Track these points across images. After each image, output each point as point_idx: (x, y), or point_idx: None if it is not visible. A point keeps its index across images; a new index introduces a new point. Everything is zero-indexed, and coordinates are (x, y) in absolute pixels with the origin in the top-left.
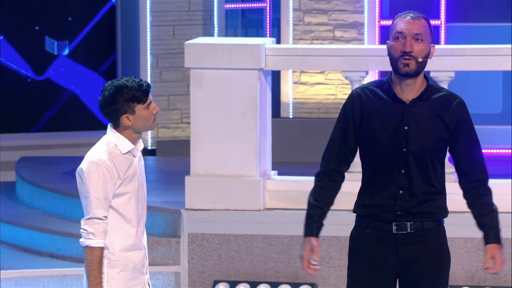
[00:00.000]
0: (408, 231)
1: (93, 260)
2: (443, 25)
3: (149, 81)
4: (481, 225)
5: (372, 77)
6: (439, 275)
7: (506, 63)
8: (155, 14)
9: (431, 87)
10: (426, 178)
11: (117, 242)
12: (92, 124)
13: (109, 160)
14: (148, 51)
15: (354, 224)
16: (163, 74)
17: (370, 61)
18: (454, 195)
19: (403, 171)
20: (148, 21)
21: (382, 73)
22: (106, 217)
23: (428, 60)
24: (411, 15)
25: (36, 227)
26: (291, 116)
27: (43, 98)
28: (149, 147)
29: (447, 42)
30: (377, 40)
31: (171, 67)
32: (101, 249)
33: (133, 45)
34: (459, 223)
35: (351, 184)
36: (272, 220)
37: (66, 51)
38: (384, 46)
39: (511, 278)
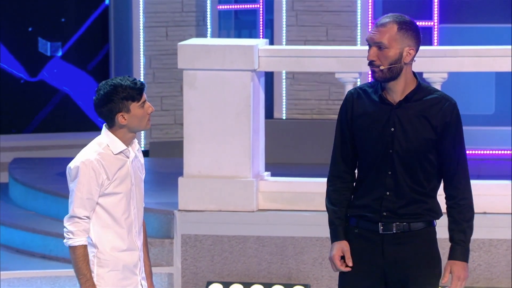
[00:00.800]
0: (394, 231)
1: (77, 259)
2: (436, 26)
3: None
4: (453, 238)
5: (365, 78)
6: (425, 276)
7: (499, 64)
8: (148, 15)
9: (423, 89)
10: (414, 180)
11: (107, 241)
12: (85, 125)
13: (97, 161)
14: (141, 52)
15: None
16: (156, 75)
17: (363, 62)
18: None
19: (389, 173)
20: (141, 22)
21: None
22: (87, 216)
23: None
24: (381, 21)
25: (29, 228)
26: (284, 117)
27: (36, 99)
28: (142, 148)
29: (440, 43)
30: None
31: (164, 68)
32: (83, 247)
33: (126, 46)
34: None
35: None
36: (265, 221)
37: (60, 53)
38: None
39: (511, 279)
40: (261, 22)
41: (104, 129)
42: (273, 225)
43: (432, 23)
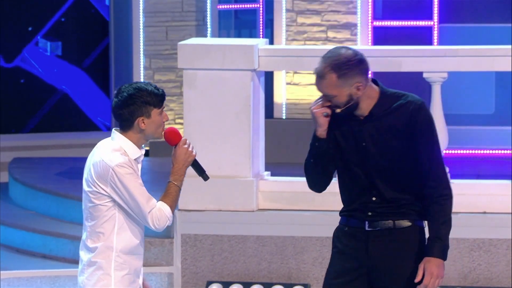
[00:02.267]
0: (379, 228)
1: (176, 198)
2: (436, 26)
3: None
4: (430, 235)
5: None
6: (409, 275)
7: (499, 64)
8: (148, 15)
9: (388, 97)
10: (396, 186)
11: (124, 244)
12: (85, 124)
13: (129, 161)
14: (141, 52)
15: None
16: (156, 75)
17: None
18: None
19: (372, 182)
20: (141, 22)
21: (375, 74)
22: (155, 203)
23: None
24: (319, 70)
25: (29, 228)
26: (284, 117)
27: (34, 98)
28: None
29: (440, 42)
30: (370, 41)
31: (164, 68)
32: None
33: (126, 46)
34: (452, 224)
35: None
36: (265, 221)
37: (59, 52)
38: (378, 47)
39: (511, 278)
40: (261, 22)
41: (117, 134)
42: (273, 225)
43: (432, 23)
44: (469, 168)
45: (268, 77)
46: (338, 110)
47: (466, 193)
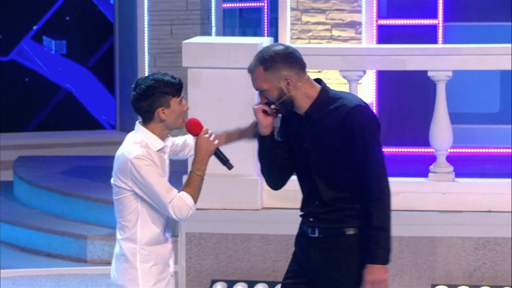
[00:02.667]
0: (316, 235)
1: (198, 188)
2: (440, 24)
3: None
4: (366, 241)
5: (370, 76)
6: (346, 285)
7: (504, 63)
8: (152, 13)
9: (326, 99)
10: (335, 188)
11: (148, 235)
12: (89, 123)
13: (148, 153)
14: (146, 50)
15: None
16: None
17: (368, 61)
18: (452, 194)
19: (315, 185)
20: (146, 20)
21: (379, 73)
22: (176, 193)
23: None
24: (250, 67)
25: (34, 227)
26: None
27: (38, 96)
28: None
29: (445, 41)
30: (374, 39)
31: (169, 67)
32: (195, 196)
33: (130, 44)
34: (456, 222)
35: None
36: (270, 220)
37: (64, 51)
38: (382, 46)
39: (511, 278)
40: (265, 20)
41: (139, 127)
42: (278, 223)
43: (436, 22)
44: (473, 167)
45: None
46: (273, 106)
47: (470, 192)
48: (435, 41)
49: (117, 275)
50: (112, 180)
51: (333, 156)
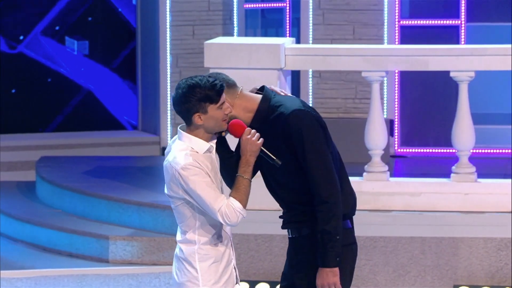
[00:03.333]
0: (290, 236)
1: (246, 192)
2: (463, 25)
3: (168, 81)
4: (317, 245)
5: (391, 77)
6: (305, 284)
7: None
8: (174, 14)
9: (266, 110)
10: (291, 193)
11: (206, 234)
12: (111, 123)
13: (194, 161)
14: (168, 51)
15: (371, 224)
16: (183, 74)
17: (390, 61)
18: (474, 195)
19: (275, 190)
20: (168, 21)
21: (401, 73)
22: (225, 199)
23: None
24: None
25: (56, 227)
26: None
27: (60, 96)
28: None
29: (467, 41)
30: (397, 39)
31: (191, 67)
32: (245, 197)
33: (153, 45)
34: (478, 223)
35: (371, 184)
36: None
37: (86, 51)
38: (405, 46)
39: (511, 279)
40: (287, 21)
41: (182, 133)
42: None
43: (459, 22)
44: (496, 167)
45: (295, 76)
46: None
47: (493, 192)
48: (457, 41)
49: (178, 274)
50: (165, 191)
51: (283, 163)
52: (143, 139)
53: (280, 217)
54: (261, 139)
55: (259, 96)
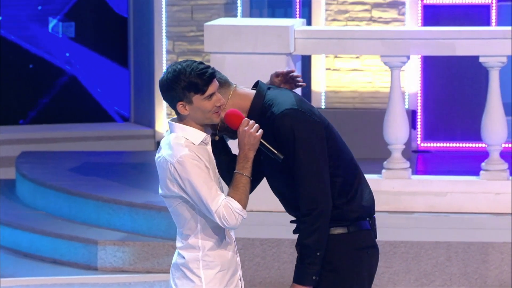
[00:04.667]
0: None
1: (245, 190)
2: (494, 4)
3: (164, 67)
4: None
5: (414, 62)
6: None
7: None
8: None
9: (261, 107)
10: (292, 194)
11: (210, 239)
12: (99, 115)
13: (191, 151)
14: (164, 34)
15: (391, 227)
16: (180, 60)
17: (412, 45)
18: (506, 195)
19: (275, 191)
20: (163, 0)
21: (424, 58)
22: (224, 199)
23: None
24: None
25: (38, 230)
26: (323, 107)
27: (42, 83)
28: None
29: (499, 23)
30: (419, 21)
31: (189, 52)
32: (245, 193)
33: (147, 28)
34: (511, 226)
35: (390, 182)
36: None
37: (72, 34)
38: (428, 28)
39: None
40: (297, 0)
41: (173, 124)
42: None
43: (489, 1)
44: None
45: (306, 62)
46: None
47: None
48: (487, 22)
49: (178, 284)
50: (159, 191)
51: (273, 167)
52: (136, 132)
53: (292, 221)
54: (261, 131)
55: (253, 93)
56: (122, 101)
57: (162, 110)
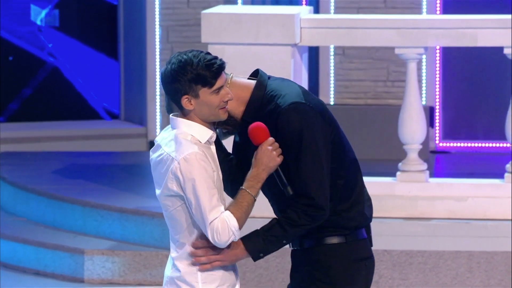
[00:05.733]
0: (291, 248)
1: (248, 206)
2: None
3: (157, 59)
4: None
5: (432, 54)
6: None
7: None
8: None
9: (262, 98)
10: (285, 199)
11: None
12: (86, 112)
13: (200, 150)
14: (157, 23)
15: (407, 235)
16: (175, 51)
17: (430, 35)
18: None
19: (271, 197)
20: None
21: (443, 50)
22: (222, 212)
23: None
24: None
25: (19, 239)
26: (332, 103)
27: (22, 76)
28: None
29: None
30: (438, 9)
31: (185, 42)
32: (245, 211)
33: (138, 16)
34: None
35: (406, 186)
36: None
37: (56, 22)
38: (448, 16)
39: None
40: None
41: (177, 119)
42: None
43: None
44: None
45: (313, 54)
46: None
47: None
48: None
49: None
50: (157, 192)
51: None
52: (126, 130)
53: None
54: (281, 156)
55: (253, 83)
56: (111, 97)
57: (155, 105)
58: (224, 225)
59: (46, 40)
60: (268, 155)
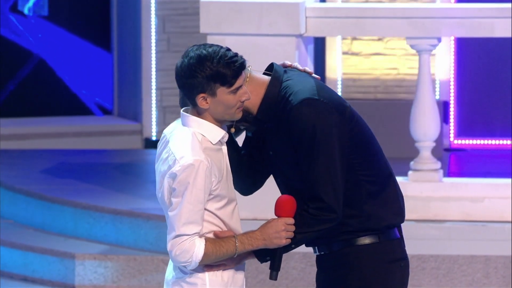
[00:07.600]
0: (317, 253)
1: (215, 256)
2: None
3: (153, 50)
4: None
5: (446, 45)
6: None
7: None
8: None
9: (276, 94)
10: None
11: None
12: (77, 107)
13: (206, 160)
14: (153, 12)
15: (419, 238)
16: (172, 42)
17: (444, 25)
18: None
19: (287, 193)
20: None
21: (458, 40)
22: (197, 232)
23: None
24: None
25: (6, 243)
26: None
27: (9, 70)
28: (154, 138)
29: None
30: None
31: (183, 33)
32: (207, 247)
33: (133, 5)
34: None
35: (418, 186)
36: None
37: (45, 11)
38: (462, 5)
39: None
40: None
41: (188, 116)
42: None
43: None
44: None
45: (319, 45)
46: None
47: None
48: None
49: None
50: (157, 191)
51: (290, 166)
52: (120, 127)
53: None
54: (288, 240)
55: (268, 78)
56: (103, 91)
57: (151, 100)
58: (191, 248)
59: (34, 30)
60: (277, 231)
